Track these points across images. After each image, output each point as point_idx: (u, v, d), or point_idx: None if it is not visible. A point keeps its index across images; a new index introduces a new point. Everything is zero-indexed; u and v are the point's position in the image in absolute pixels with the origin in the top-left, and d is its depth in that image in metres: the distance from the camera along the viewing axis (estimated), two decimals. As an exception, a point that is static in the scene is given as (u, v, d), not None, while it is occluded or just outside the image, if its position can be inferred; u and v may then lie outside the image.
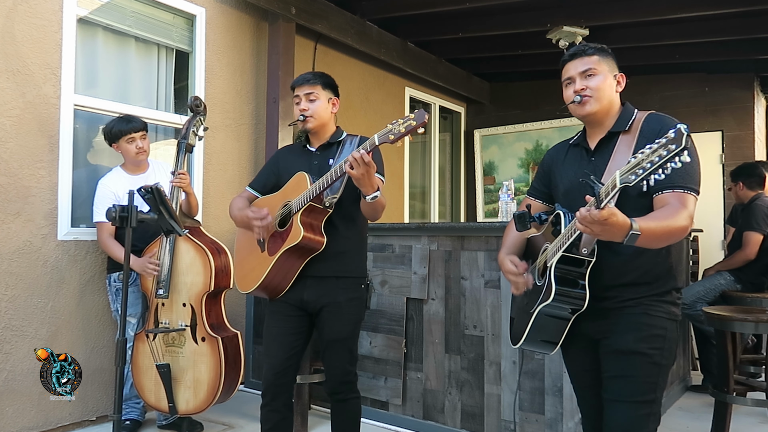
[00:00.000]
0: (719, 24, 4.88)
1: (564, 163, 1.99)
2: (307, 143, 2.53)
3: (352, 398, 2.47)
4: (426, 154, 6.78)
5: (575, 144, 1.98)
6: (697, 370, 4.54)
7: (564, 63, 1.92)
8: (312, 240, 2.27)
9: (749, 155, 5.71)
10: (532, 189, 2.15)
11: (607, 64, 1.87)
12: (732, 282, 4.18)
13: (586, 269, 1.73)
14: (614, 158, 1.80)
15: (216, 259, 3.07)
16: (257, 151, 4.46)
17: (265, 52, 4.49)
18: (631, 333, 1.78)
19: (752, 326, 3.15)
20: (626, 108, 1.89)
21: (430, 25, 5.50)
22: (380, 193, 2.19)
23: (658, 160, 1.37)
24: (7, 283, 3.10)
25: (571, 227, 1.66)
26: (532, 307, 1.82)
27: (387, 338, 3.46)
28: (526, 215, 1.87)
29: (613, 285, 1.78)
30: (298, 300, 2.38)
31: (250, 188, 2.59)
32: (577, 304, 1.74)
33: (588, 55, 1.86)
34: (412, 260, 3.39)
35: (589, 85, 1.84)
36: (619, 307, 1.80)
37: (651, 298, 1.79)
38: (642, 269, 1.78)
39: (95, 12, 3.57)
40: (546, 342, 1.89)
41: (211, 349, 3.00)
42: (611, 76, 1.86)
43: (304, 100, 2.43)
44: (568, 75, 1.89)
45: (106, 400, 3.47)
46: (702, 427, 3.42)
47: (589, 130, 1.94)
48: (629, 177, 1.42)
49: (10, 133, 3.12)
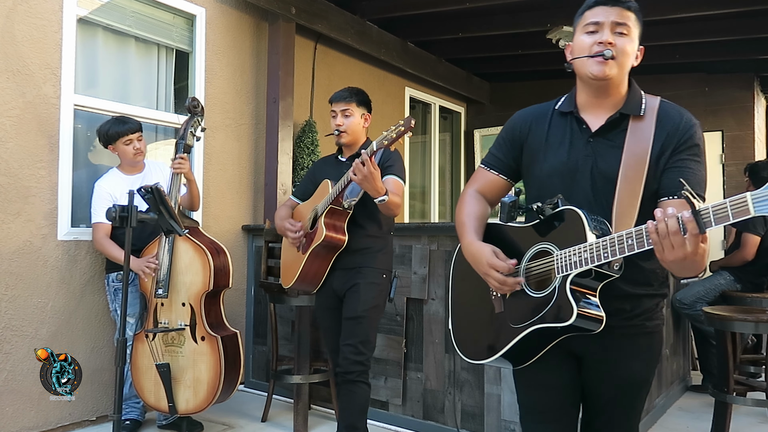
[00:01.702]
0: (719, 24, 4.89)
1: (548, 136, 1.58)
2: (339, 154, 2.81)
3: (361, 382, 2.59)
4: (426, 154, 6.78)
5: (563, 112, 1.59)
6: (697, 370, 4.54)
7: (594, 3, 1.49)
8: (334, 238, 2.56)
9: (749, 155, 5.71)
10: (490, 158, 1.71)
11: (638, 31, 1.51)
12: (732, 282, 4.18)
13: (599, 285, 1.41)
14: (628, 148, 1.46)
15: (215, 259, 3.07)
16: (257, 151, 4.46)
17: (265, 52, 4.49)
18: (637, 360, 1.55)
19: (752, 326, 3.15)
20: (634, 87, 1.56)
21: (430, 25, 5.50)
22: (387, 197, 2.39)
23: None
24: (7, 283, 3.10)
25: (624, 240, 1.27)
26: (518, 322, 1.48)
27: (387, 338, 3.45)
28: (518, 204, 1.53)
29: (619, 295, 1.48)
30: (331, 290, 2.70)
31: (293, 196, 2.94)
32: (592, 328, 1.40)
33: (628, 9, 1.47)
34: (412, 260, 3.39)
35: (618, 43, 1.45)
36: (621, 326, 1.50)
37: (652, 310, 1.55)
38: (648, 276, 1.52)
39: (95, 12, 3.57)
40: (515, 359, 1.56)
41: (210, 348, 3.00)
42: (636, 45, 1.52)
43: (339, 116, 2.69)
44: (596, 19, 1.47)
45: (106, 400, 3.47)
46: (702, 427, 3.42)
47: (586, 99, 1.55)
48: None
49: (10, 133, 3.12)
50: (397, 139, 2.25)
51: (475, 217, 1.66)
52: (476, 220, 1.65)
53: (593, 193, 1.50)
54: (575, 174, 1.52)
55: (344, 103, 2.68)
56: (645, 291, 1.53)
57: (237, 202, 4.30)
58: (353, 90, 2.73)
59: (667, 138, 1.48)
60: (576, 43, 1.52)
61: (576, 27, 1.54)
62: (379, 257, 2.68)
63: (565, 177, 1.53)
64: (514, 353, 1.52)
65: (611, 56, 1.43)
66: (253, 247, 4.30)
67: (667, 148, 1.47)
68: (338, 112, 2.69)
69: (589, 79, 1.50)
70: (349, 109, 2.67)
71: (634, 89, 1.56)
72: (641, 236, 1.25)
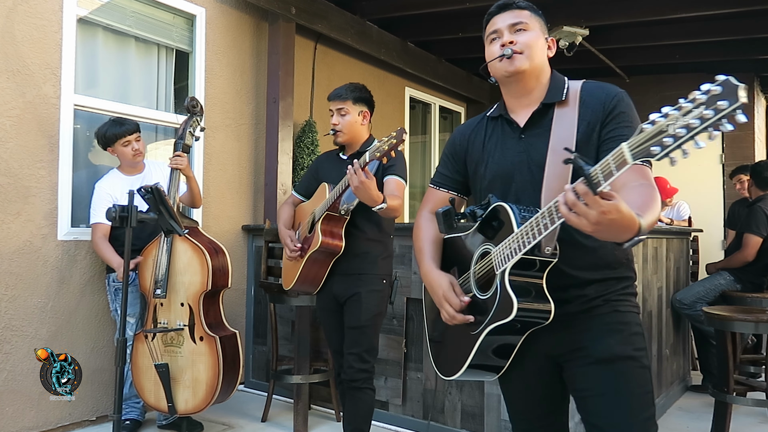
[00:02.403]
0: (719, 24, 4.89)
1: (488, 143, 1.61)
2: (342, 151, 2.74)
3: (366, 389, 2.59)
4: (426, 154, 6.78)
5: (494, 116, 1.62)
6: (697, 370, 4.54)
7: (490, 16, 1.60)
8: (330, 245, 2.53)
9: (749, 155, 5.72)
10: (437, 177, 1.75)
11: (538, 23, 1.58)
12: (732, 282, 4.18)
13: (543, 273, 1.38)
14: (555, 134, 1.48)
15: (213, 259, 3.07)
16: (257, 151, 4.46)
17: (265, 52, 4.49)
18: (611, 336, 1.46)
19: (752, 326, 3.15)
20: (555, 76, 1.58)
21: (430, 25, 5.50)
22: (385, 205, 2.35)
23: (699, 123, 0.98)
24: (7, 283, 3.10)
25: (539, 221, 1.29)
26: (475, 329, 1.45)
27: (387, 338, 3.45)
28: (453, 213, 1.49)
29: (575, 283, 1.46)
30: (331, 294, 2.67)
31: (295, 192, 2.89)
32: (541, 319, 1.38)
33: (519, 9, 1.57)
34: (412, 260, 3.39)
35: (520, 39, 1.52)
36: (585, 309, 1.47)
37: (617, 293, 1.50)
38: (604, 260, 1.48)
39: (95, 12, 3.58)
40: (490, 368, 1.53)
41: (209, 349, 3.00)
42: (543, 37, 1.57)
43: (336, 115, 2.62)
44: (494, 28, 1.57)
45: (106, 400, 3.47)
46: (702, 427, 3.42)
47: (511, 100, 1.59)
48: (650, 149, 1.04)
49: (10, 133, 3.12)
50: (389, 152, 2.22)
51: (431, 242, 1.68)
52: (432, 245, 1.68)
53: (532, 186, 1.49)
54: (513, 173, 1.54)
55: (339, 102, 2.61)
56: (603, 275, 1.48)
57: (237, 202, 4.30)
58: (350, 87, 2.64)
59: (593, 115, 1.48)
60: (486, 54, 1.60)
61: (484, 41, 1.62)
62: (380, 263, 2.63)
63: (505, 178, 1.55)
64: (482, 360, 1.49)
65: (512, 53, 1.50)
66: (253, 247, 4.30)
67: (596, 124, 1.47)
68: (334, 111, 2.62)
69: (505, 79, 1.55)
70: (344, 107, 2.60)
71: (556, 78, 1.58)
72: (552, 213, 1.25)
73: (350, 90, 2.63)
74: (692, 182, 5.75)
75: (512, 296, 1.34)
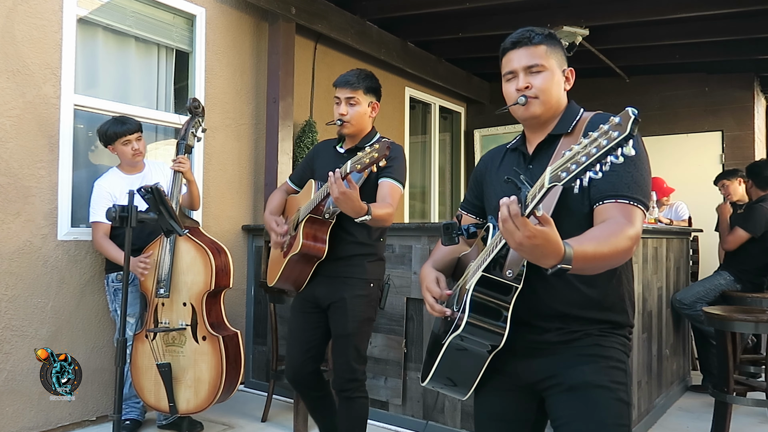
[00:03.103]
0: (719, 24, 4.89)
1: (498, 171, 1.66)
2: (340, 142, 2.55)
3: (358, 397, 2.46)
4: (426, 154, 6.79)
5: (513, 148, 1.67)
6: (697, 370, 4.55)
7: (505, 51, 1.58)
8: (312, 248, 2.36)
9: (749, 155, 5.71)
10: (464, 202, 1.82)
11: (555, 58, 1.55)
12: (732, 282, 4.18)
13: (511, 298, 1.39)
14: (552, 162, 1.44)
15: (216, 259, 3.07)
16: (257, 151, 4.46)
17: (265, 52, 4.49)
18: (586, 365, 1.44)
19: (752, 326, 3.15)
20: (570, 107, 1.58)
21: (430, 25, 5.50)
22: (370, 216, 2.14)
23: (595, 151, 1.06)
24: (7, 283, 3.10)
25: (496, 239, 1.35)
26: (443, 338, 1.48)
27: (387, 338, 3.46)
28: (453, 226, 1.53)
29: (556, 315, 1.46)
30: (312, 296, 2.49)
31: (290, 181, 2.71)
32: (494, 340, 1.39)
33: (534, 45, 1.53)
34: (412, 260, 3.39)
35: (535, 83, 1.52)
36: (564, 340, 1.46)
37: (602, 330, 1.48)
38: (595, 300, 1.47)
39: (95, 12, 3.58)
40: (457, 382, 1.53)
41: (212, 348, 3.00)
42: (560, 72, 1.56)
43: (344, 104, 2.40)
44: (510, 68, 1.56)
45: (106, 400, 3.47)
46: (702, 427, 3.42)
47: (528, 134, 1.63)
48: (560, 174, 1.11)
49: (10, 133, 3.12)
50: (370, 165, 1.99)
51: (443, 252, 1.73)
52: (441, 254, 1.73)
53: None
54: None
55: (350, 90, 2.38)
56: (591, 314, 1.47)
57: (237, 202, 4.30)
58: (362, 75, 2.43)
59: None
60: (504, 91, 1.60)
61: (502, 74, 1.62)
62: (368, 266, 2.44)
63: None
64: (448, 372, 1.51)
65: (527, 99, 1.52)
66: (253, 247, 4.30)
67: None
68: (342, 100, 2.39)
69: (521, 120, 1.59)
70: (355, 97, 2.39)
71: (571, 109, 1.58)
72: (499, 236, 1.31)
73: (362, 78, 2.42)
74: (692, 182, 5.75)
75: (467, 310, 1.38)
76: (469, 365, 1.47)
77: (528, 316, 1.44)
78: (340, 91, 2.40)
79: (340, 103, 2.40)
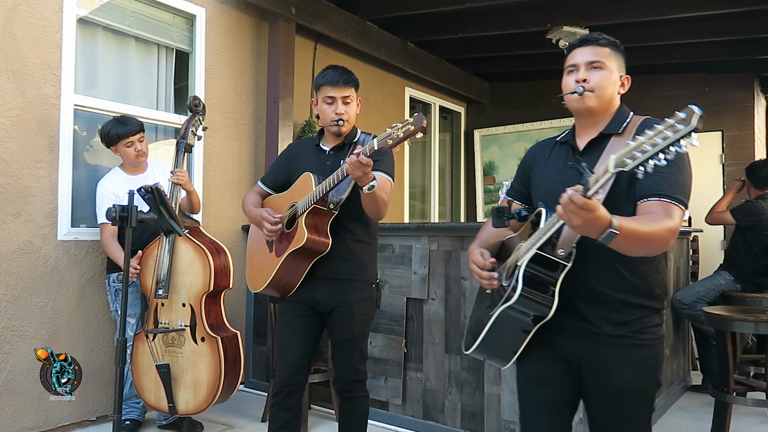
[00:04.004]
0: (719, 24, 4.88)
1: (547, 162, 1.81)
2: (320, 141, 2.47)
3: (360, 397, 2.47)
4: (426, 154, 6.78)
5: (562, 142, 1.81)
6: (697, 370, 4.55)
7: (572, 47, 1.74)
8: (316, 242, 2.27)
9: (749, 155, 5.71)
10: (510, 189, 1.98)
11: (616, 61, 1.71)
12: (732, 282, 4.18)
13: (559, 274, 1.55)
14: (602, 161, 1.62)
15: (215, 259, 3.07)
16: (257, 151, 4.46)
17: (265, 52, 4.49)
18: (627, 369, 1.62)
19: (752, 326, 3.15)
20: (622, 110, 1.73)
21: (430, 25, 5.50)
22: (376, 183, 2.11)
23: (661, 141, 1.18)
24: (7, 283, 3.10)
25: (551, 221, 1.51)
26: (492, 309, 1.64)
27: (387, 338, 3.46)
28: (505, 210, 1.69)
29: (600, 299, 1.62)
30: (309, 299, 2.39)
31: (262, 183, 2.58)
32: (542, 311, 1.55)
33: (600, 46, 1.69)
34: (412, 260, 3.39)
35: (593, 79, 1.66)
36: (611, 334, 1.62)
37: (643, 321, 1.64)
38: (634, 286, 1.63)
39: (95, 12, 3.57)
40: (501, 351, 1.70)
41: (210, 349, 3.00)
42: (617, 74, 1.71)
43: (340, 103, 2.34)
44: (573, 61, 1.71)
45: (106, 400, 3.47)
46: (702, 427, 3.42)
47: (579, 129, 1.77)
48: (625, 161, 1.24)
49: (10, 133, 3.12)
50: (404, 140, 1.95)
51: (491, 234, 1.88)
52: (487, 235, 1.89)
53: None
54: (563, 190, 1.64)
55: (346, 89, 2.34)
56: (630, 299, 1.62)
57: (237, 202, 4.29)
58: (349, 72, 2.39)
59: None
60: (563, 82, 1.75)
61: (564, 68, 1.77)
62: (368, 264, 2.42)
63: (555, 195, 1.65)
64: (494, 341, 1.66)
65: (584, 91, 1.65)
66: (253, 247, 4.29)
67: None
68: (338, 99, 2.33)
69: (574, 111, 1.73)
70: (350, 95, 2.36)
71: (622, 111, 1.72)
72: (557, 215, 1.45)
73: (351, 75, 2.38)
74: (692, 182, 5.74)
75: (520, 283, 1.53)
76: (515, 335, 1.62)
77: (574, 298, 1.60)
78: (334, 90, 2.34)
79: (333, 102, 2.34)
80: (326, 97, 2.35)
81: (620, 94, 1.73)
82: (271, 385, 3.54)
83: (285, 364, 2.43)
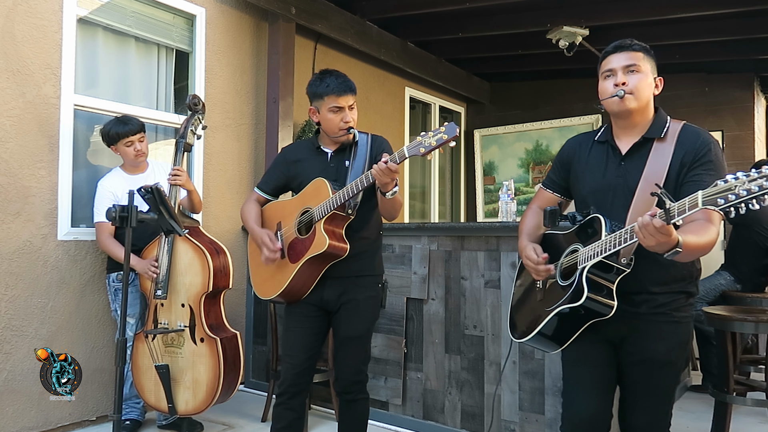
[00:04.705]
0: (719, 24, 4.88)
1: (588, 161, 1.94)
2: (319, 144, 2.47)
3: (361, 399, 2.46)
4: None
5: (601, 141, 1.93)
6: (697, 370, 4.54)
7: (606, 54, 1.87)
8: (336, 248, 2.28)
9: (749, 155, 5.71)
10: (547, 180, 2.12)
11: (649, 64, 1.84)
12: (732, 282, 4.18)
13: (617, 277, 1.73)
14: (649, 165, 1.78)
15: (214, 260, 3.07)
16: (257, 151, 4.46)
17: (265, 52, 4.49)
18: (662, 342, 1.83)
19: (752, 326, 3.15)
20: (660, 114, 1.86)
21: (430, 25, 5.50)
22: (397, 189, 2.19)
23: (757, 190, 1.28)
24: (7, 283, 3.10)
25: (621, 234, 1.63)
26: (549, 306, 1.82)
27: (387, 338, 3.46)
28: (557, 212, 1.87)
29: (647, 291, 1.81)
30: (318, 300, 2.39)
31: (260, 190, 2.56)
32: (604, 312, 1.74)
33: (633, 51, 1.82)
34: (412, 260, 3.39)
35: (630, 82, 1.79)
36: (649, 313, 1.82)
37: (679, 301, 1.84)
38: (675, 276, 1.82)
39: (95, 12, 3.57)
40: (555, 340, 1.88)
41: (209, 350, 3.00)
42: (651, 76, 1.84)
43: (348, 111, 2.35)
44: (609, 67, 1.84)
45: (106, 400, 3.47)
46: (702, 427, 3.42)
47: (618, 130, 1.89)
48: (717, 200, 1.34)
49: (10, 133, 3.12)
50: (436, 148, 1.96)
51: (532, 226, 2.07)
52: (532, 228, 2.07)
53: (622, 206, 1.80)
54: (608, 191, 1.85)
55: (352, 97, 2.37)
56: (670, 288, 1.82)
57: (237, 202, 4.29)
58: (348, 78, 2.41)
59: (685, 156, 1.77)
60: (600, 88, 1.87)
61: (599, 74, 1.89)
62: (374, 262, 2.46)
63: (599, 194, 1.87)
64: (550, 332, 1.84)
65: (624, 94, 1.77)
66: (253, 247, 4.29)
67: (685, 164, 1.77)
68: (346, 108, 2.34)
69: (615, 114, 1.85)
70: (354, 102, 2.39)
71: (660, 115, 1.86)
72: (629, 231, 1.60)
73: (351, 81, 2.41)
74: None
75: (584, 287, 1.70)
76: (570, 328, 1.81)
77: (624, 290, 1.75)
78: (343, 99, 2.34)
79: (341, 110, 2.35)
80: (333, 107, 2.35)
81: (655, 95, 1.86)
82: (271, 385, 3.55)
83: (291, 364, 2.42)
